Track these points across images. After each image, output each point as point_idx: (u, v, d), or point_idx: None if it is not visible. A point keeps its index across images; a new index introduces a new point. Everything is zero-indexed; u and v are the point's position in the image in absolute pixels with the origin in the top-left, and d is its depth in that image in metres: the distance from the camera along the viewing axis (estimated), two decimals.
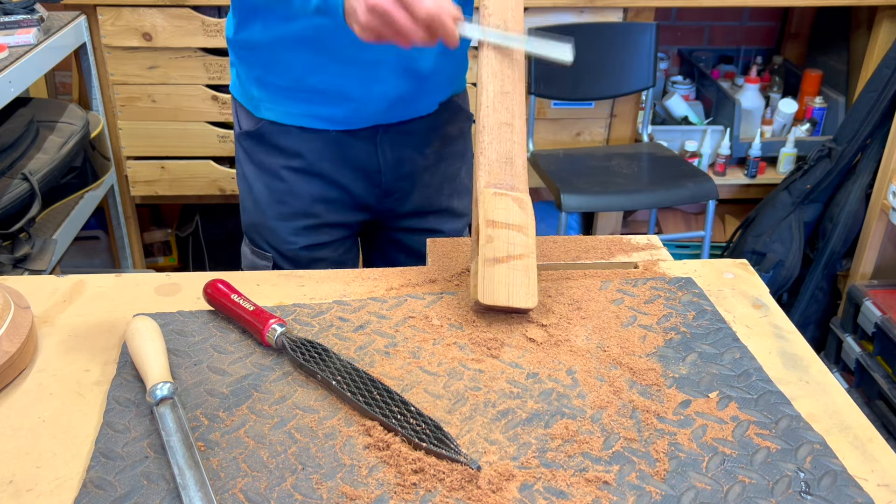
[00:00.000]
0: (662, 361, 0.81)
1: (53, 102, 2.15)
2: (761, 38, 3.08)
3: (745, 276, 0.99)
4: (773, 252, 2.46)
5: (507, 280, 0.85)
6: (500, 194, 0.88)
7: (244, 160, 1.23)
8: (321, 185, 1.20)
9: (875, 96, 2.27)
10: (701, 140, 2.66)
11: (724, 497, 0.65)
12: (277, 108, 1.16)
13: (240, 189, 1.27)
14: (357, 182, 1.21)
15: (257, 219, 1.24)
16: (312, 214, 1.22)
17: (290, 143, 1.18)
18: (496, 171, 0.89)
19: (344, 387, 0.73)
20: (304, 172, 1.19)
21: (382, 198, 1.25)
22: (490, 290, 0.84)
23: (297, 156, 1.18)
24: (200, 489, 0.63)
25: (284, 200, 1.21)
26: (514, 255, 0.86)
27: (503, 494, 0.64)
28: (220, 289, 0.85)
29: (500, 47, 0.94)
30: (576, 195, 2.24)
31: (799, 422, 0.73)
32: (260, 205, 1.22)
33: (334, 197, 1.22)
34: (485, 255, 0.86)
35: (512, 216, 0.87)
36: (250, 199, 1.24)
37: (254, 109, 1.18)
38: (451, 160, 1.28)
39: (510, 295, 0.84)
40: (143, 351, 0.76)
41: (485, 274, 0.85)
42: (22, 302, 0.84)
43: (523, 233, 0.87)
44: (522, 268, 0.85)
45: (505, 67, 0.93)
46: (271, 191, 1.21)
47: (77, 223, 2.07)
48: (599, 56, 2.40)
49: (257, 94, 1.17)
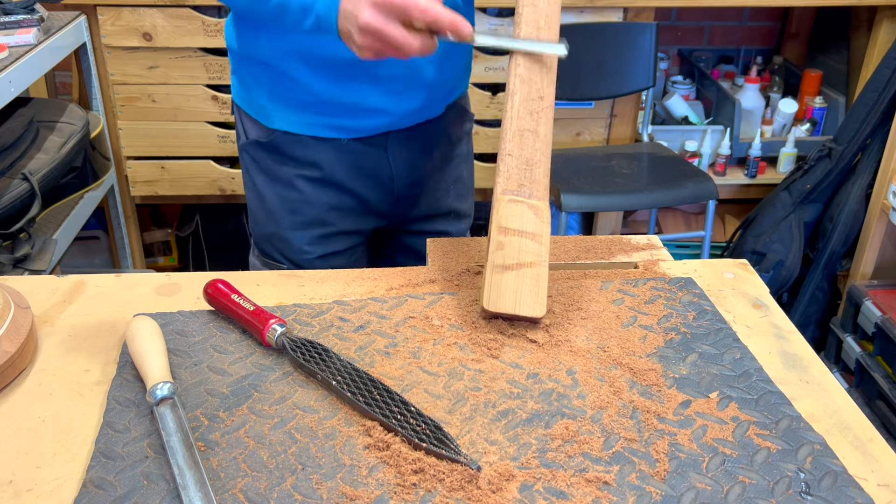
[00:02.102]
0: (663, 362, 0.81)
1: (53, 102, 2.15)
2: (761, 38, 3.08)
3: (746, 276, 0.99)
4: (773, 252, 2.46)
5: (515, 288, 0.84)
6: (515, 201, 0.87)
7: (254, 170, 1.20)
8: (335, 194, 1.19)
9: (875, 96, 2.27)
10: (701, 140, 2.66)
11: (725, 497, 0.65)
12: (291, 118, 1.14)
13: (248, 199, 1.24)
14: (370, 189, 1.20)
15: (271, 229, 1.21)
16: (327, 223, 1.20)
17: (304, 152, 1.16)
18: (514, 179, 0.89)
19: (344, 387, 0.73)
20: (318, 181, 1.17)
21: (394, 204, 1.24)
22: (496, 297, 0.84)
23: (311, 165, 1.16)
24: (200, 489, 0.63)
25: (299, 210, 1.19)
26: (525, 262, 0.85)
27: (503, 495, 0.64)
28: (220, 289, 0.85)
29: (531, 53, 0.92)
30: (576, 195, 2.24)
31: (799, 422, 0.73)
32: (274, 215, 1.20)
33: (348, 205, 1.20)
34: (493, 261, 0.85)
35: (526, 223, 0.87)
36: (262, 210, 1.21)
37: (265, 120, 1.16)
38: (456, 161, 1.28)
39: (517, 303, 0.84)
40: (143, 351, 0.76)
41: (492, 281, 0.84)
42: (22, 302, 0.84)
43: (536, 241, 0.86)
44: (532, 276, 0.85)
45: (534, 74, 0.92)
46: (285, 200, 1.19)
47: (77, 223, 2.07)
48: (599, 56, 2.40)
49: (269, 105, 1.14)
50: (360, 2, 0.86)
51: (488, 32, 0.89)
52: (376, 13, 0.85)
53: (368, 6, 0.85)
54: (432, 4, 0.84)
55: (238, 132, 1.23)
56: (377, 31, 0.85)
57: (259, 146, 1.18)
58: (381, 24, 0.85)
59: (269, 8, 0.97)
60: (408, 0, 0.84)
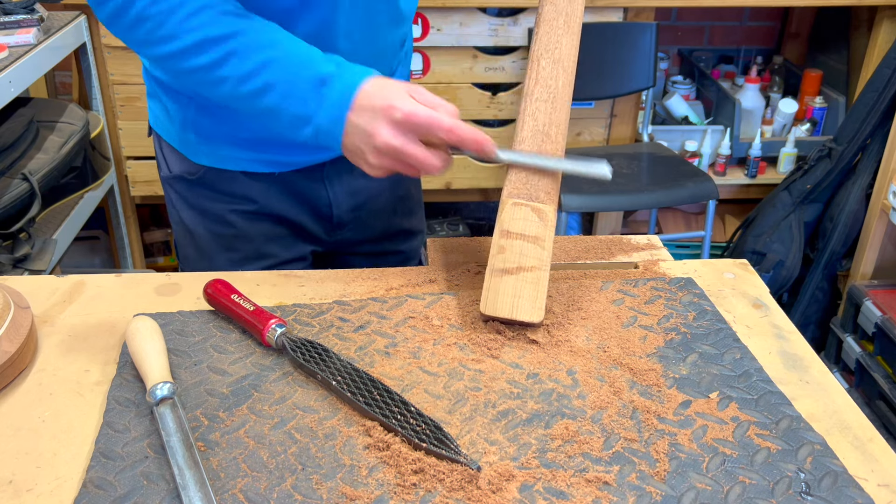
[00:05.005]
0: (663, 362, 0.81)
1: (53, 102, 2.15)
2: (761, 38, 3.08)
3: (746, 276, 0.99)
4: (773, 252, 2.46)
5: (513, 292, 0.84)
6: (519, 204, 0.87)
7: (180, 205, 1.09)
8: (271, 225, 1.09)
9: (875, 96, 2.27)
10: (701, 140, 2.66)
11: (725, 497, 0.65)
12: (220, 154, 1.03)
13: (176, 235, 1.14)
14: (308, 217, 1.11)
15: (205, 267, 1.10)
16: (266, 255, 1.10)
17: (235, 187, 1.05)
18: (522, 182, 0.87)
19: (344, 387, 0.73)
20: (253, 214, 1.07)
21: (334, 230, 1.14)
22: (493, 301, 0.84)
23: (245, 199, 1.06)
24: (200, 489, 0.63)
25: (234, 246, 1.09)
26: (526, 266, 0.85)
27: (503, 495, 0.64)
28: (220, 289, 0.85)
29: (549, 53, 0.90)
30: (576, 195, 2.24)
31: (799, 422, 0.73)
32: (207, 252, 1.10)
33: (287, 233, 1.11)
34: (493, 265, 0.85)
35: (529, 227, 0.86)
36: (192, 248, 1.11)
37: (190, 154, 1.04)
38: (397, 181, 1.17)
39: (515, 307, 0.84)
40: (143, 351, 0.76)
41: (490, 285, 0.84)
42: (22, 302, 0.84)
43: (539, 245, 0.86)
44: (532, 280, 0.84)
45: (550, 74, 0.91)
46: (217, 236, 1.08)
47: (77, 223, 2.07)
48: (599, 56, 2.40)
49: (194, 139, 1.02)
50: (378, 119, 0.79)
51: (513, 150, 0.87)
52: (397, 133, 0.79)
53: (388, 125, 0.79)
54: (457, 124, 0.79)
55: (159, 162, 1.11)
56: (397, 151, 0.79)
57: (184, 181, 1.07)
58: (401, 144, 0.79)
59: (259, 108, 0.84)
60: (432, 119, 0.78)
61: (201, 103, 0.99)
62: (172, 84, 0.99)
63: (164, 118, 1.05)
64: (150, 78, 1.04)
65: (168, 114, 1.04)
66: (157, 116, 1.07)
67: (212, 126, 1.00)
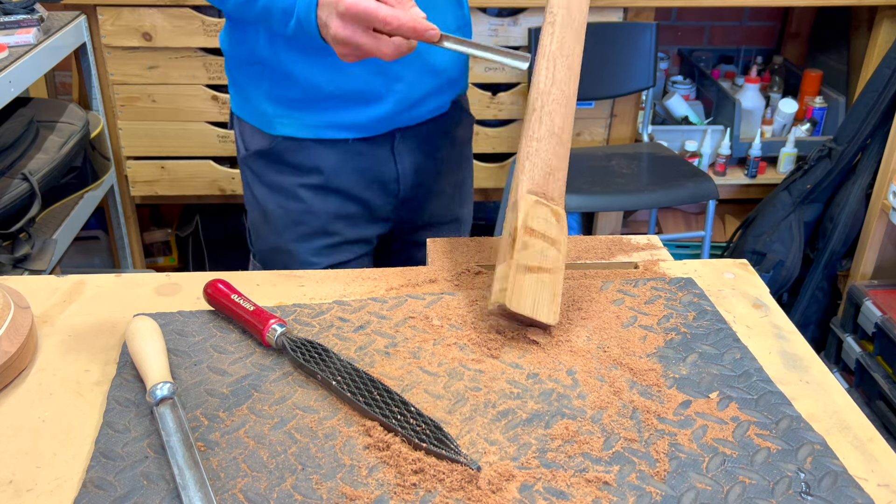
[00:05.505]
0: (663, 362, 0.81)
1: (53, 102, 2.15)
2: (761, 38, 3.08)
3: (746, 276, 0.99)
4: (773, 252, 2.46)
5: (534, 291, 0.84)
6: (541, 203, 0.87)
7: (254, 182, 1.19)
8: (339, 201, 1.18)
9: (875, 96, 2.27)
10: (701, 140, 2.66)
11: (725, 497, 0.65)
12: (294, 121, 1.13)
13: (249, 214, 1.23)
14: (375, 193, 1.19)
15: (274, 243, 1.20)
16: (332, 232, 1.19)
17: (306, 159, 1.14)
18: (539, 180, 0.88)
19: (344, 387, 0.73)
20: (321, 189, 1.16)
21: (399, 207, 1.23)
22: (518, 297, 0.83)
23: (314, 172, 1.15)
24: (200, 489, 0.63)
25: (303, 220, 1.18)
26: (545, 267, 0.85)
27: (503, 495, 0.64)
28: (220, 289, 0.85)
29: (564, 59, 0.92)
30: (576, 195, 2.24)
31: (799, 422, 0.73)
32: (276, 227, 1.19)
33: (353, 212, 1.19)
34: (518, 261, 0.84)
35: (550, 228, 0.86)
36: (264, 223, 1.20)
37: (266, 127, 1.14)
38: (458, 165, 1.27)
39: (535, 307, 0.83)
40: (143, 351, 0.76)
41: (515, 280, 0.83)
42: (22, 302, 0.84)
43: (556, 248, 0.86)
44: (550, 282, 0.84)
45: (562, 76, 0.92)
46: (287, 211, 1.17)
47: (77, 223, 2.07)
48: (599, 56, 2.40)
49: (271, 109, 1.13)
50: (331, 13, 0.87)
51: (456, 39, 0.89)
52: (344, 24, 0.86)
53: (336, 17, 0.86)
54: (394, 13, 0.84)
55: (238, 146, 1.21)
56: (347, 40, 0.87)
57: (260, 156, 1.17)
58: (349, 33, 0.86)
59: (256, 10, 0.97)
60: (369, 9, 0.84)
61: (272, 75, 1.10)
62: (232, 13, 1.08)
63: (239, 99, 1.17)
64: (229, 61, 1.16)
65: (243, 92, 1.16)
66: (235, 100, 1.19)
67: (282, 91, 1.11)
